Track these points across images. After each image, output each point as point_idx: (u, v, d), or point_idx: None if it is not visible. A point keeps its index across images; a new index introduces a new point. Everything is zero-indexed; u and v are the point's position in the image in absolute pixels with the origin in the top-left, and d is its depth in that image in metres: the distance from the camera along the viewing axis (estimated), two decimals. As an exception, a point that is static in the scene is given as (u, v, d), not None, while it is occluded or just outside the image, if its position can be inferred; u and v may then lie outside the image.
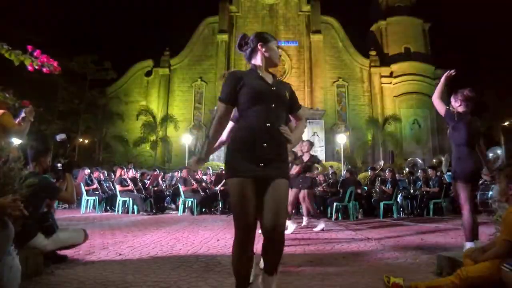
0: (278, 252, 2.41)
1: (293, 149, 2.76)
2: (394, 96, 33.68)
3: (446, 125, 4.43)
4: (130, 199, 11.06)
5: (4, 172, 2.92)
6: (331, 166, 16.98)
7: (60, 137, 5.11)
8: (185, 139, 24.57)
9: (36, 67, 3.42)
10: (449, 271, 3.23)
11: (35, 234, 3.56)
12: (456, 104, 4.25)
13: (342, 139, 23.53)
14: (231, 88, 2.43)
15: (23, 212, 2.37)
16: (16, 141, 4.41)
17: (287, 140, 2.42)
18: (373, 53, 34.55)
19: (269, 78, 2.50)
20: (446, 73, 4.44)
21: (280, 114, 2.43)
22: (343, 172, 13.28)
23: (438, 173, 11.46)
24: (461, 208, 4.12)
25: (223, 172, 7.15)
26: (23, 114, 4.37)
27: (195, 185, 11.17)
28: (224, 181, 11.19)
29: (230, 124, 3.14)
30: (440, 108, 4.34)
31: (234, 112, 2.67)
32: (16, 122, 4.34)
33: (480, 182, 10.15)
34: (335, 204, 9.49)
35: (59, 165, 4.30)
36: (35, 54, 3.40)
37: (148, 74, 34.49)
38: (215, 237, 5.95)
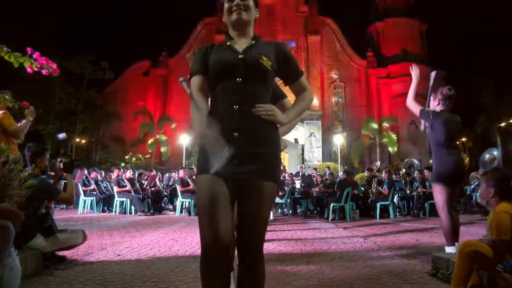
0: (255, 285, 1.77)
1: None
2: (391, 97, 33.74)
3: (424, 126, 4.31)
4: (128, 199, 11.08)
5: (4, 173, 2.94)
6: (328, 167, 17.05)
7: (62, 136, 5.17)
8: (182, 139, 24.51)
9: (36, 69, 3.45)
10: (444, 272, 3.27)
11: (35, 235, 3.58)
12: (435, 103, 4.21)
13: (339, 139, 23.52)
14: (199, 59, 1.93)
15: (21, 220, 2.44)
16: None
17: (274, 122, 1.82)
18: (370, 54, 34.64)
19: (241, 45, 1.91)
20: (416, 73, 4.43)
21: (253, 91, 1.81)
22: (340, 173, 13.32)
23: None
24: (438, 212, 4.00)
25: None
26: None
27: (191, 186, 11.19)
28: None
29: None
30: (415, 109, 4.31)
31: None
32: (19, 125, 4.37)
33: (476, 183, 10.27)
34: (332, 204, 9.53)
35: (60, 164, 4.31)
36: (34, 56, 3.43)
37: (146, 74, 34.46)
38: (213, 237, 5.97)
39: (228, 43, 1.93)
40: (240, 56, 1.84)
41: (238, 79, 1.79)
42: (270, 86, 1.91)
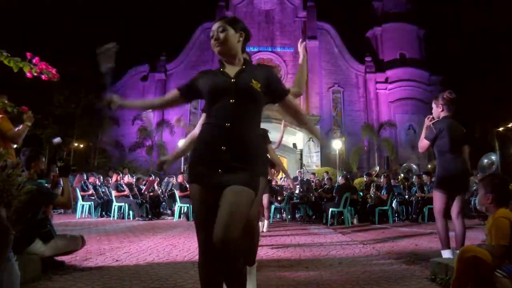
0: (234, 278, 1.98)
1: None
2: (389, 102, 33.85)
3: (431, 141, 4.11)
4: (126, 204, 11.05)
5: (3, 178, 2.93)
6: (327, 172, 17.04)
7: (57, 140, 5.18)
8: (181, 144, 24.50)
9: (35, 74, 3.45)
10: (443, 277, 3.27)
11: (33, 240, 3.58)
12: (439, 110, 4.12)
13: (337, 144, 23.57)
14: (190, 80, 2.23)
15: None
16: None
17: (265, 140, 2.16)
18: (368, 59, 34.75)
19: (232, 70, 2.15)
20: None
21: (244, 110, 2.05)
22: (339, 178, 13.31)
23: (433, 179, 11.53)
24: (435, 217, 3.99)
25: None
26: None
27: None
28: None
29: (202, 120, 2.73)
30: (424, 143, 4.17)
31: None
32: (17, 130, 4.36)
33: (475, 187, 10.27)
34: (330, 209, 9.52)
35: (56, 169, 4.30)
36: (34, 61, 3.43)
37: (144, 78, 34.45)
38: (211, 242, 5.95)
39: (221, 69, 2.17)
40: (232, 80, 2.08)
41: (231, 100, 2.02)
42: (259, 105, 2.14)
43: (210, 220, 1.91)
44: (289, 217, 11.30)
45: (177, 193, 10.93)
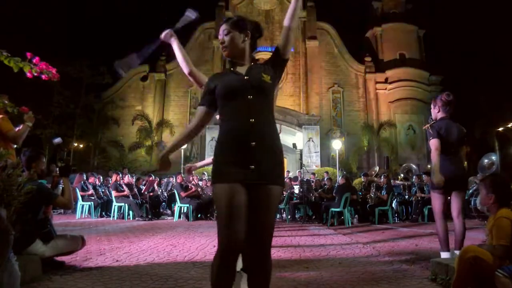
0: (263, 278, 2.02)
1: None
2: (389, 102, 33.80)
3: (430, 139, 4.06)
4: (126, 204, 11.04)
5: (3, 178, 2.93)
6: (327, 172, 17.05)
7: (57, 140, 5.17)
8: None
9: (35, 74, 3.45)
10: (443, 277, 3.27)
11: (34, 240, 3.58)
12: (435, 111, 4.13)
13: (337, 144, 23.55)
14: (205, 89, 2.22)
15: None
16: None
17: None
18: (368, 59, 34.69)
19: (242, 69, 2.20)
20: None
21: (262, 106, 2.09)
22: (339, 178, 13.31)
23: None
24: (434, 218, 3.99)
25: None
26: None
27: (193, 188, 11.16)
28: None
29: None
30: (433, 143, 4.02)
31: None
32: (17, 130, 4.36)
33: (475, 187, 10.27)
34: (330, 210, 9.52)
35: (56, 169, 4.30)
36: (34, 61, 3.43)
37: (144, 79, 34.39)
38: (212, 243, 5.97)
39: (231, 68, 2.23)
40: (245, 77, 2.13)
41: (249, 96, 2.06)
42: (272, 98, 2.21)
43: (237, 220, 1.93)
44: (289, 217, 11.30)
45: (182, 194, 10.88)
